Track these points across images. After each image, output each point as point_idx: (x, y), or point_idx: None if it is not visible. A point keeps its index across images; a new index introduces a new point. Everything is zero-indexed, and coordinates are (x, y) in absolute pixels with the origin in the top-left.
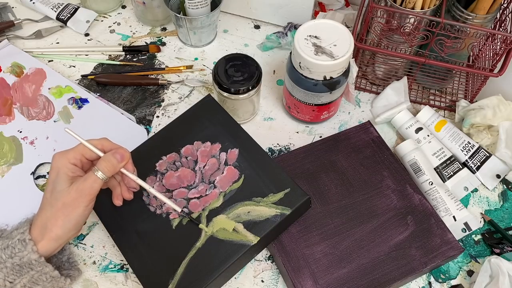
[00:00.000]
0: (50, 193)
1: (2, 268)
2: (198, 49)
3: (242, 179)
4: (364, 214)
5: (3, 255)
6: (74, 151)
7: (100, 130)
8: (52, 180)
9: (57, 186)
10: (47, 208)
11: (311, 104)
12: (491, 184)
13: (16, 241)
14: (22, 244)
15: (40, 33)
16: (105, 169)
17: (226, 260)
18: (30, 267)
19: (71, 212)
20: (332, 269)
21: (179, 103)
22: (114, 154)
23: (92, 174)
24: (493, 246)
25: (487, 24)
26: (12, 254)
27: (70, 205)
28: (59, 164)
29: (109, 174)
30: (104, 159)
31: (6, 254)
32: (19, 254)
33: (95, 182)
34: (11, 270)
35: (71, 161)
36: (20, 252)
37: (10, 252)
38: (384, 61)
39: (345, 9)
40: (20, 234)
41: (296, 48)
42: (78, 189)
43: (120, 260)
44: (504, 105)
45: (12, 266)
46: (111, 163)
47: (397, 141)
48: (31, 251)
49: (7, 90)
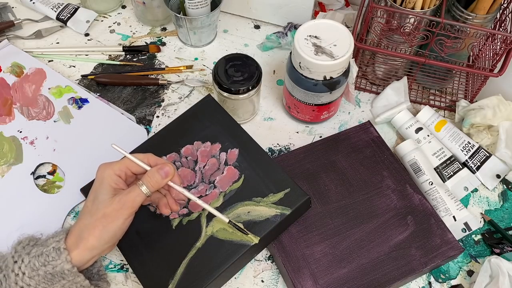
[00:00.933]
0: (92, 202)
1: (35, 276)
2: (198, 49)
3: (242, 179)
4: (364, 214)
5: (37, 263)
6: (120, 163)
7: (100, 130)
8: (95, 189)
9: (99, 196)
10: (86, 217)
11: (311, 104)
12: (491, 184)
13: (50, 249)
14: (57, 252)
15: (40, 33)
16: (149, 184)
17: (226, 260)
18: (62, 276)
19: (110, 223)
20: (332, 269)
21: (179, 103)
22: (159, 170)
23: (136, 187)
24: (493, 246)
25: (487, 24)
26: (46, 262)
27: (110, 215)
28: (104, 175)
29: (153, 190)
30: (149, 175)
31: (40, 261)
32: (52, 263)
33: (139, 196)
34: (43, 278)
35: (116, 172)
36: (54, 261)
37: (43, 260)
38: (384, 61)
39: (345, 9)
40: (55, 242)
41: (296, 48)
42: (121, 200)
43: (120, 260)
44: (504, 105)
45: (45, 275)
46: (155, 179)
47: (397, 141)
48: (64, 260)
49: (7, 90)
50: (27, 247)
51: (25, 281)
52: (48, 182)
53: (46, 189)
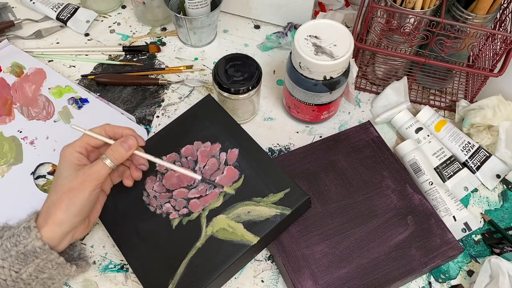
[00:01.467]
0: (56, 181)
1: (7, 257)
2: (198, 49)
3: (242, 179)
4: (364, 214)
5: (9, 244)
6: (80, 140)
7: None
8: (58, 168)
9: (63, 173)
10: (52, 194)
11: (311, 104)
12: (491, 184)
13: (21, 229)
14: (27, 231)
15: (40, 33)
16: (112, 157)
17: (226, 260)
18: (35, 255)
19: (75, 195)
20: (332, 269)
21: (179, 103)
22: (123, 144)
23: (100, 161)
24: (493, 246)
25: (487, 24)
26: (17, 242)
27: (75, 188)
28: (66, 153)
29: (117, 163)
30: (112, 148)
31: (11, 242)
32: (23, 242)
33: (103, 168)
34: (16, 259)
35: (76, 149)
36: (25, 240)
37: (15, 241)
38: (384, 61)
39: (345, 9)
40: (25, 222)
41: (296, 48)
42: (86, 173)
43: (120, 260)
44: (504, 105)
45: (17, 255)
46: (119, 152)
47: (397, 141)
48: (35, 237)
49: (7, 90)
50: (0, 232)
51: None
52: (48, 182)
53: (46, 189)
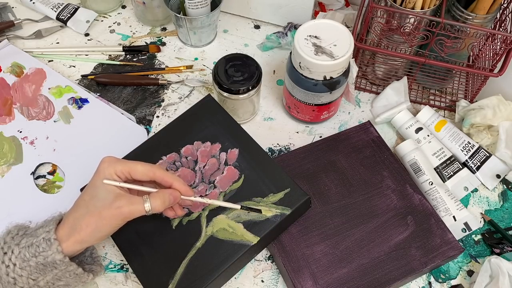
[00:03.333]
0: (90, 197)
1: (26, 267)
2: (198, 49)
3: (242, 179)
4: (364, 214)
5: (27, 253)
6: (123, 164)
7: (100, 130)
8: (95, 184)
9: (99, 193)
10: (81, 210)
11: (311, 104)
12: (491, 184)
13: (41, 240)
14: (47, 243)
15: (40, 33)
16: (155, 205)
17: (226, 260)
18: (54, 266)
19: (104, 225)
20: (332, 269)
21: (179, 103)
22: (170, 196)
23: (140, 202)
24: (493, 246)
25: (487, 24)
26: (36, 253)
27: (105, 218)
28: (106, 172)
29: (156, 211)
30: (159, 197)
31: (30, 252)
32: (43, 254)
33: (139, 211)
34: (35, 269)
35: (117, 173)
36: (45, 252)
37: (34, 251)
38: (384, 61)
39: (345, 9)
40: (45, 232)
41: (296, 48)
42: (121, 209)
43: (120, 260)
44: (504, 105)
45: (36, 265)
46: (164, 203)
47: (397, 141)
48: (55, 251)
49: (7, 90)
50: (16, 237)
51: (17, 272)
52: (48, 182)
53: (46, 189)
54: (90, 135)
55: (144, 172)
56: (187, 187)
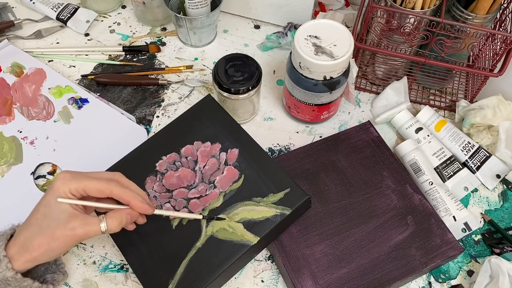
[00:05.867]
0: (43, 216)
1: None
2: (198, 49)
3: (242, 179)
4: (364, 214)
5: None
6: (78, 183)
7: (100, 130)
8: (48, 202)
9: (53, 213)
10: (33, 229)
11: (311, 104)
12: (491, 184)
13: None
14: None
15: (40, 33)
16: (111, 226)
17: (226, 260)
18: (6, 283)
19: (57, 246)
20: (332, 269)
21: (179, 103)
22: (127, 215)
23: (96, 223)
24: (493, 246)
25: (487, 24)
26: None
27: (59, 239)
28: (61, 191)
29: (113, 231)
30: (116, 217)
31: None
32: None
33: (95, 233)
34: None
35: (72, 191)
36: None
37: None
38: (384, 61)
39: (345, 9)
40: None
41: (296, 48)
42: (76, 232)
43: (120, 260)
44: (504, 105)
45: None
46: (121, 224)
47: (397, 141)
48: (5, 268)
49: (7, 90)
50: None
51: None
52: (48, 182)
53: (46, 189)
54: (90, 135)
55: (101, 189)
56: (145, 205)
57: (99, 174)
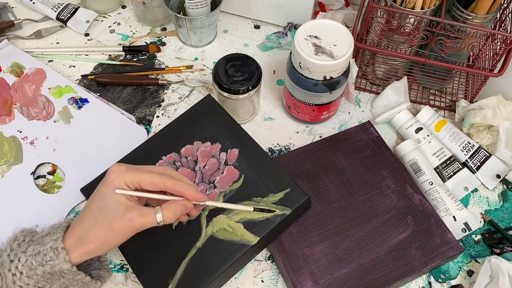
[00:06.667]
0: (99, 208)
1: (33, 275)
2: (198, 49)
3: (242, 179)
4: (364, 214)
5: (34, 262)
6: (133, 175)
7: (100, 130)
8: (104, 195)
9: (109, 205)
10: (89, 221)
11: (311, 104)
12: (491, 184)
13: (48, 248)
14: (54, 252)
15: (40, 33)
16: (167, 217)
17: (226, 260)
18: (61, 275)
19: (114, 237)
20: (332, 269)
21: (179, 103)
22: (182, 207)
23: (152, 213)
24: (493, 246)
25: (487, 24)
26: (43, 262)
27: (116, 230)
28: (116, 183)
29: (168, 222)
30: (171, 208)
31: (37, 261)
32: (50, 263)
33: (151, 224)
34: (42, 278)
35: (127, 183)
36: (52, 261)
37: (41, 259)
38: (384, 61)
39: (345, 9)
40: (52, 241)
41: (296, 48)
42: (133, 222)
43: (120, 260)
44: (504, 105)
45: (43, 274)
46: (176, 215)
47: (397, 141)
48: (63, 260)
49: (7, 90)
50: (23, 244)
51: (23, 281)
52: (48, 182)
53: (46, 189)
54: (90, 135)
55: (154, 182)
56: (199, 194)
57: (151, 167)
